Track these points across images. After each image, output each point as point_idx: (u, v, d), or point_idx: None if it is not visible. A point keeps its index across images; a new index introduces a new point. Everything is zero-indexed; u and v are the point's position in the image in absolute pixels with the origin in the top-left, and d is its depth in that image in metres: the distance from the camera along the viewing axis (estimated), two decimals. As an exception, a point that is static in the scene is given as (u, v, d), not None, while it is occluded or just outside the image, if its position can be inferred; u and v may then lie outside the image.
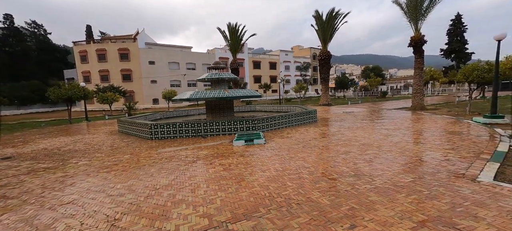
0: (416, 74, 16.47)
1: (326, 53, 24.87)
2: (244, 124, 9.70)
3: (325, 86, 25.75)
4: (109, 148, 8.30)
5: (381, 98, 35.30)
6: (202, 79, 12.86)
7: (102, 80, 38.11)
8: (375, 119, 12.86)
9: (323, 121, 13.01)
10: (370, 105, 23.26)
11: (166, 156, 6.80)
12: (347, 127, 10.33)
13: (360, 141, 7.49)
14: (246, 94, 12.19)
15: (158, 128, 9.33)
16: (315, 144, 7.32)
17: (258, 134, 8.60)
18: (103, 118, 19.77)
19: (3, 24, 52.15)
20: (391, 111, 16.32)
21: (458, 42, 42.90)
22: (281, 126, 10.80)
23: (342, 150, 6.48)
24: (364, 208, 3.21)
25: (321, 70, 25.67)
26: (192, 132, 9.48)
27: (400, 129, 9.26)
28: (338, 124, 11.41)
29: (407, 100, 27.85)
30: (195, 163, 5.97)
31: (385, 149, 6.37)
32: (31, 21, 55.97)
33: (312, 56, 63.00)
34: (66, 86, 17.30)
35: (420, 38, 15.94)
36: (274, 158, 5.97)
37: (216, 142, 8.41)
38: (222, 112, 13.41)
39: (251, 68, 51.87)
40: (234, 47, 28.05)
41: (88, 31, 61.96)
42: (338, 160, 5.53)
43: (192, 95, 11.80)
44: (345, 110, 18.74)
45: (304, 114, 12.01)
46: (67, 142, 10.14)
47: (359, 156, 5.77)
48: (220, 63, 13.77)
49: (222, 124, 9.63)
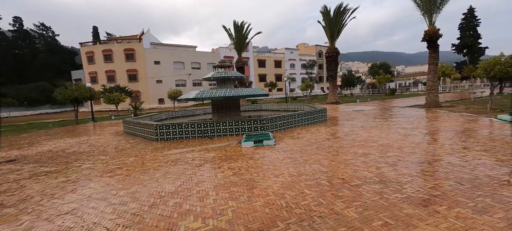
0: (431, 70, 15.71)
1: (334, 50, 24.19)
2: (252, 124, 9.30)
3: (333, 84, 25.09)
4: (113, 150, 8.03)
5: (390, 96, 34.33)
6: (208, 78, 12.52)
7: (109, 81, 38.33)
8: (388, 117, 12.26)
9: (334, 119, 12.49)
10: (380, 103, 22.51)
11: (172, 158, 6.46)
12: (361, 126, 9.80)
13: (378, 141, 6.98)
14: (253, 93, 11.78)
15: (164, 129, 9.02)
16: (329, 145, 6.85)
17: (267, 134, 8.18)
18: (110, 118, 19.73)
19: (12, 26, 53.21)
20: (404, 109, 15.64)
21: (470, 37, 41.35)
22: (290, 125, 10.35)
23: (360, 151, 6.01)
24: (401, 224, 2.76)
25: (329, 67, 25.01)
26: (199, 132, 9.14)
27: (419, 128, 8.69)
28: (350, 123, 10.88)
29: (418, 97, 26.93)
30: (203, 166, 5.61)
31: (407, 150, 5.86)
32: (40, 23, 56.93)
33: (318, 53, 62.06)
34: (72, 87, 17.26)
35: (435, 32, 15.18)
36: (287, 161, 5.55)
37: (223, 143, 8.04)
38: (228, 112, 13.05)
39: (256, 67, 51.42)
40: (240, 46, 27.66)
41: (95, 33, 62.67)
42: (358, 164, 5.06)
43: (198, 95, 11.46)
44: (354, 108, 18.12)
45: (313, 113, 11.53)
46: (72, 143, 9.96)
47: (380, 159, 5.29)
48: (225, 62, 13.38)
49: (229, 124, 9.25)
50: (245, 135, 8.37)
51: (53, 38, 59.12)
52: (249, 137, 8.03)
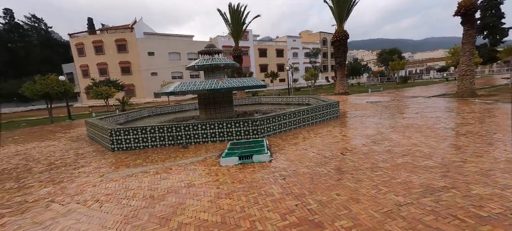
0: (466, 51, 12.84)
1: (343, 33, 21.19)
2: (241, 126, 6.85)
3: (341, 72, 22.25)
4: (45, 168, 5.72)
5: (404, 84, 31.27)
6: (191, 67, 10.09)
7: (101, 74, 36.06)
8: (420, 111, 9.65)
9: (348, 115, 9.96)
10: (396, 93, 19.73)
11: (107, 189, 4.11)
12: (389, 126, 7.26)
13: (432, 156, 4.48)
14: (246, 84, 9.27)
15: (121, 135, 6.63)
16: (354, 163, 4.39)
17: (261, 143, 5.74)
18: (90, 115, 17.56)
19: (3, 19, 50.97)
20: (432, 100, 12.93)
21: (493, 17, 37.38)
22: (294, 125, 7.88)
23: (415, 181, 3.53)
24: None
25: (337, 53, 22.09)
26: (169, 139, 6.74)
27: (481, 132, 6.13)
28: (371, 121, 8.34)
29: (439, 85, 23.98)
30: (137, 214, 3.23)
31: (502, 176, 3.38)
32: (31, 15, 54.46)
33: (322, 41, 58.50)
34: (41, 81, 14.97)
35: (472, 3, 12.22)
36: (289, 204, 3.14)
37: (199, 156, 5.66)
38: (218, 108, 10.65)
39: (257, 57, 48.43)
40: (237, 32, 24.88)
41: (90, 24, 60.08)
42: (426, 214, 2.61)
43: (177, 89, 9.07)
44: (368, 100, 15.48)
45: (323, 108, 8.99)
46: (18, 151, 7.76)
47: (463, 200, 2.83)
48: (214, 46, 10.82)
49: (210, 126, 6.82)
50: (229, 144, 5.94)
51: (46, 31, 56.83)
52: (233, 148, 5.61)
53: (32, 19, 54.84)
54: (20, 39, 52.18)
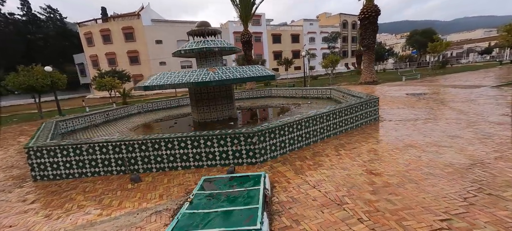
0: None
1: (373, 9, 17.39)
2: (228, 145, 4.29)
3: (369, 56, 18.64)
4: None
5: (442, 69, 26.66)
6: (178, 53, 7.71)
7: (110, 64, 35.01)
8: (504, 109, 6.50)
9: (387, 116, 7.04)
10: (438, 80, 16.00)
11: None
12: (479, 142, 4.36)
13: None
14: (247, 75, 6.65)
15: (45, 157, 4.35)
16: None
17: (253, 190, 3.19)
18: (84, 110, 16.06)
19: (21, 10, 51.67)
20: (500, 90, 9.46)
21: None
22: (313, 137, 5.21)
23: None
24: None
25: (364, 33, 18.41)
26: (116, 163, 4.38)
27: None
28: (438, 130, 5.42)
29: (491, 70, 19.59)
30: None
31: None
32: (46, 6, 54.72)
33: (342, 24, 53.12)
34: (25, 73, 13.42)
35: None
36: None
37: (148, 202, 3.30)
38: (213, 105, 8.29)
39: (270, 43, 44.88)
40: (245, 14, 21.87)
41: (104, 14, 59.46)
42: None
43: (153, 82, 6.80)
44: (407, 91, 12.20)
45: (356, 109, 6.15)
46: None
47: None
48: (208, 25, 8.26)
49: (178, 143, 4.33)
50: (201, 181, 3.46)
51: (61, 21, 57.10)
52: (203, 193, 3.14)
53: (47, 9, 55.16)
54: (37, 30, 52.85)
